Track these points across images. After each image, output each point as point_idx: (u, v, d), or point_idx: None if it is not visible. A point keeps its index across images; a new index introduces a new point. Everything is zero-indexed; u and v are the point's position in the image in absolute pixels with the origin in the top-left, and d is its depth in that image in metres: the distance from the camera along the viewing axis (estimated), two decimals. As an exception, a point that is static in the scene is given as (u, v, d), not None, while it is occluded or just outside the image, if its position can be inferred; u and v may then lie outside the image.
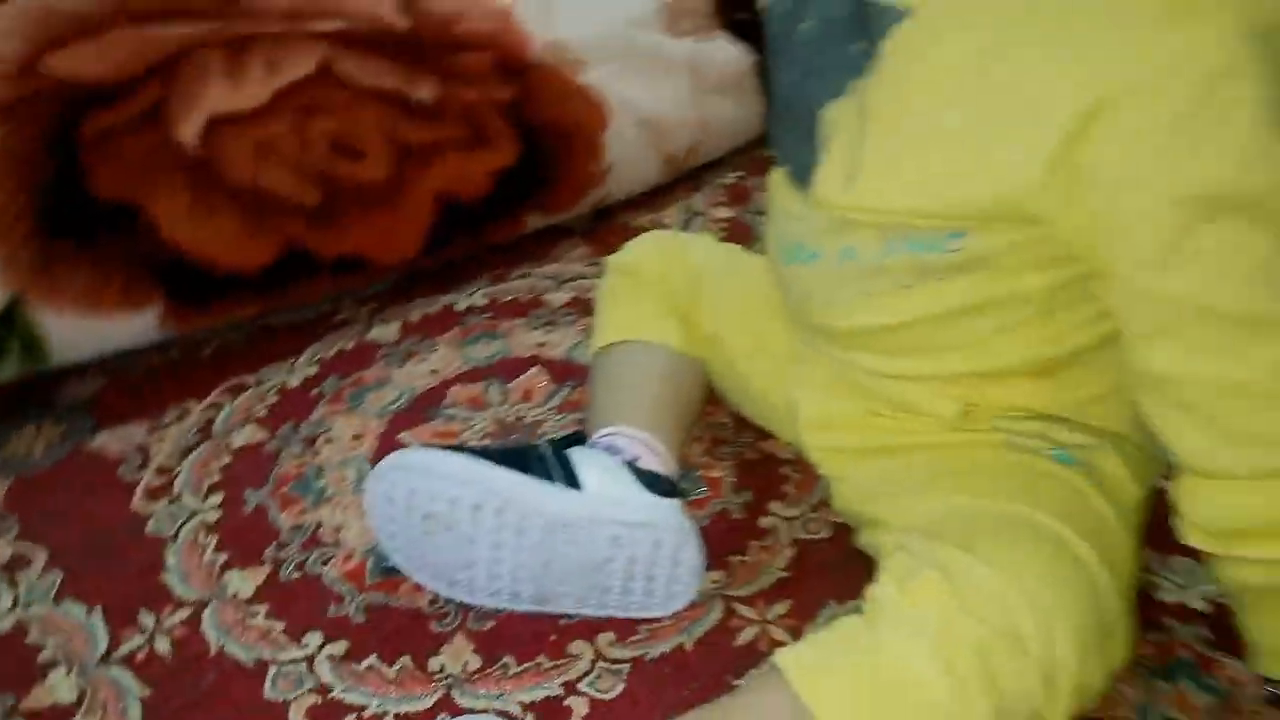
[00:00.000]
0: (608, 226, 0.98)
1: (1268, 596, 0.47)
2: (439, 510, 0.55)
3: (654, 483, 0.58)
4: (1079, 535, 0.47)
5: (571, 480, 0.57)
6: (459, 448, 0.60)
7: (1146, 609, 0.56)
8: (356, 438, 0.73)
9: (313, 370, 0.81)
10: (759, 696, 0.48)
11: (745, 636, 0.57)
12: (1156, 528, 0.55)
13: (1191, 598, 0.57)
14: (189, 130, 0.81)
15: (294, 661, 0.57)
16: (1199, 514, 0.47)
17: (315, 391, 0.78)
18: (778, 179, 0.58)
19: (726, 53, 1.07)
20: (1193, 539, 0.47)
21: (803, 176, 0.53)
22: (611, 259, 0.73)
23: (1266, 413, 0.44)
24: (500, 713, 0.53)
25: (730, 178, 1.06)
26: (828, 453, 0.62)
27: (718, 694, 0.51)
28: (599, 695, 0.54)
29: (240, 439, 0.74)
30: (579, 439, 0.62)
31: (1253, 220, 0.41)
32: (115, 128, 0.80)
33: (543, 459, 0.58)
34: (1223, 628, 0.53)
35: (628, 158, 0.98)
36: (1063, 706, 0.45)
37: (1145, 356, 0.46)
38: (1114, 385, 0.52)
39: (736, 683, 0.54)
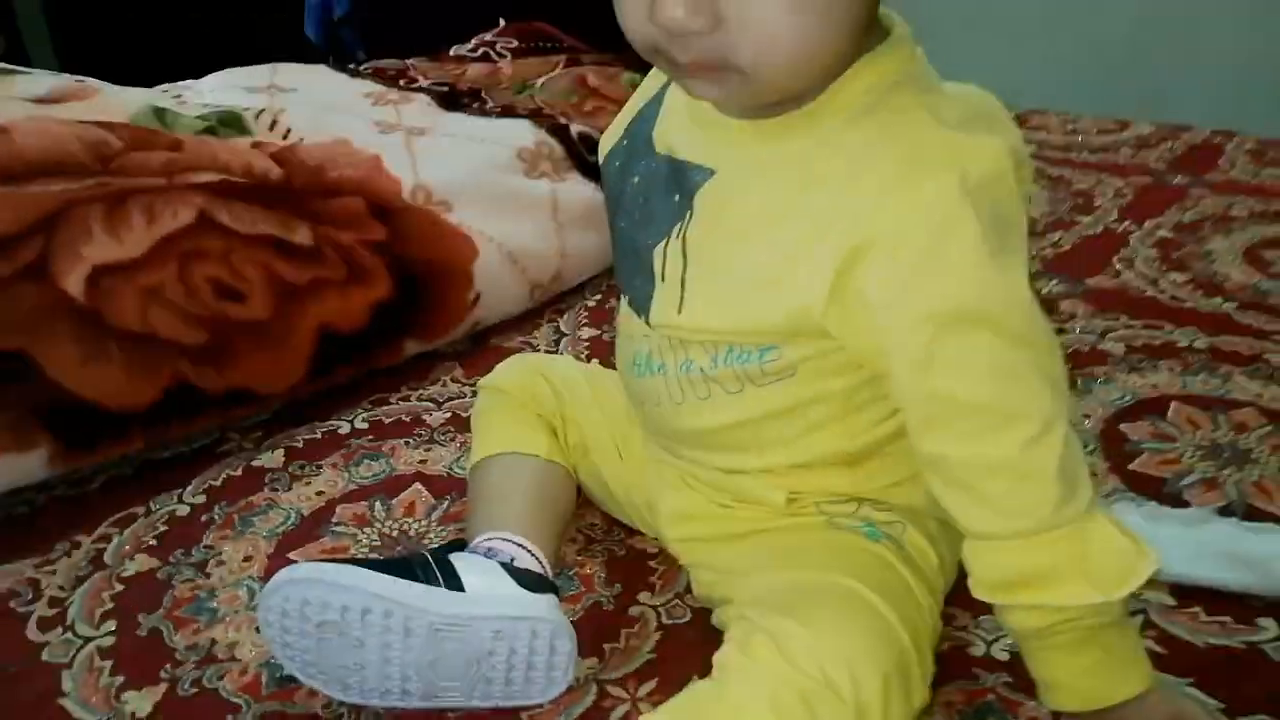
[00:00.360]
0: (481, 349, 1.05)
1: (1043, 637, 0.55)
2: (330, 618, 0.59)
3: (530, 581, 0.64)
4: (882, 598, 0.56)
5: (454, 583, 0.62)
6: (347, 560, 0.66)
7: (960, 662, 0.64)
8: (247, 559, 0.77)
9: (201, 499, 0.84)
10: None
11: (617, 714, 0.62)
12: (960, 588, 0.64)
13: (996, 650, 0.65)
14: (74, 281, 0.85)
15: None
16: (979, 571, 0.56)
17: (204, 518, 0.81)
18: (623, 306, 0.67)
19: (581, 189, 1.18)
20: (978, 593, 0.56)
21: (643, 304, 0.62)
22: (483, 380, 0.80)
23: (1020, 484, 0.53)
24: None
25: (592, 301, 1.15)
26: (686, 543, 0.70)
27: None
28: (487, 777, 0.59)
29: (132, 568, 0.76)
30: (460, 546, 0.67)
31: (986, 330, 0.51)
32: (2, 280, 0.83)
33: (426, 565, 0.63)
34: (1021, 673, 0.60)
35: (496, 287, 1.06)
36: None
37: (922, 443, 0.55)
38: (910, 471, 0.61)
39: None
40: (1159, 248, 1.22)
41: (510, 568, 0.64)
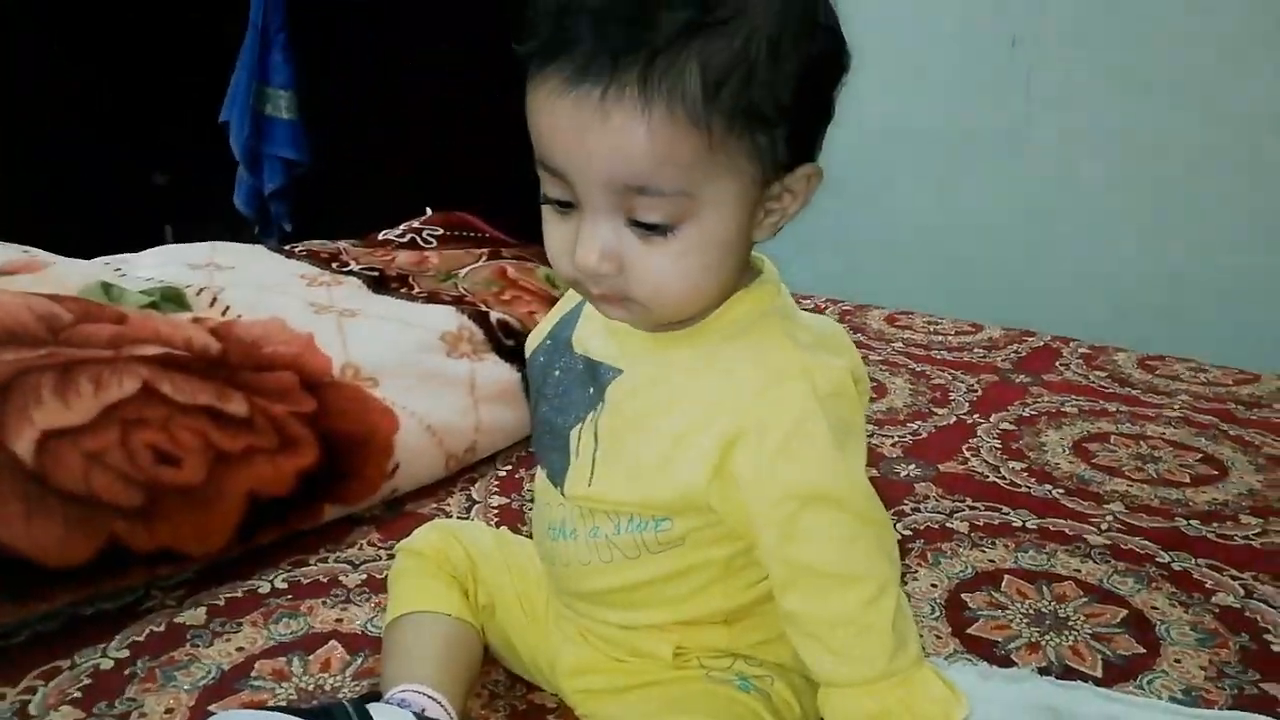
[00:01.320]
0: (397, 515, 1.13)
1: None
2: None
3: None
4: None
5: None
6: (274, 708, 0.72)
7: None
8: (169, 711, 0.81)
9: (125, 653, 0.88)
10: None
11: None
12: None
13: None
14: (23, 444, 0.91)
15: None
16: (828, 714, 0.66)
17: (128, 671, 0.86)
18: (541, 477, 0.77)
19: (497, 370, 1.29)
20: None
21: (558, 477, 0.71)
22: (402, 543, 0.88)
23: (860, 636, 0.63)
24: None
25: (503, 470, 1.25)
26: (582, 694, 0.78)
27: None
28: None
29: (56, 719, 0.80)
30: (375, 697, 0.74)
31: (834, 508, 0.63)
32: None
33: (346, 713, 0.70)
34: None
35: (414, 457, 1.15)
36: None
37: (783, 601, 0.66)
38: (778, 631, 0.71)
39: None
40: (1001, 438, 1.39)
41: (421, 718, 0.71)
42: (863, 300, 2.06)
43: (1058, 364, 1.71)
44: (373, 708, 0.71)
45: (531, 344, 0.79)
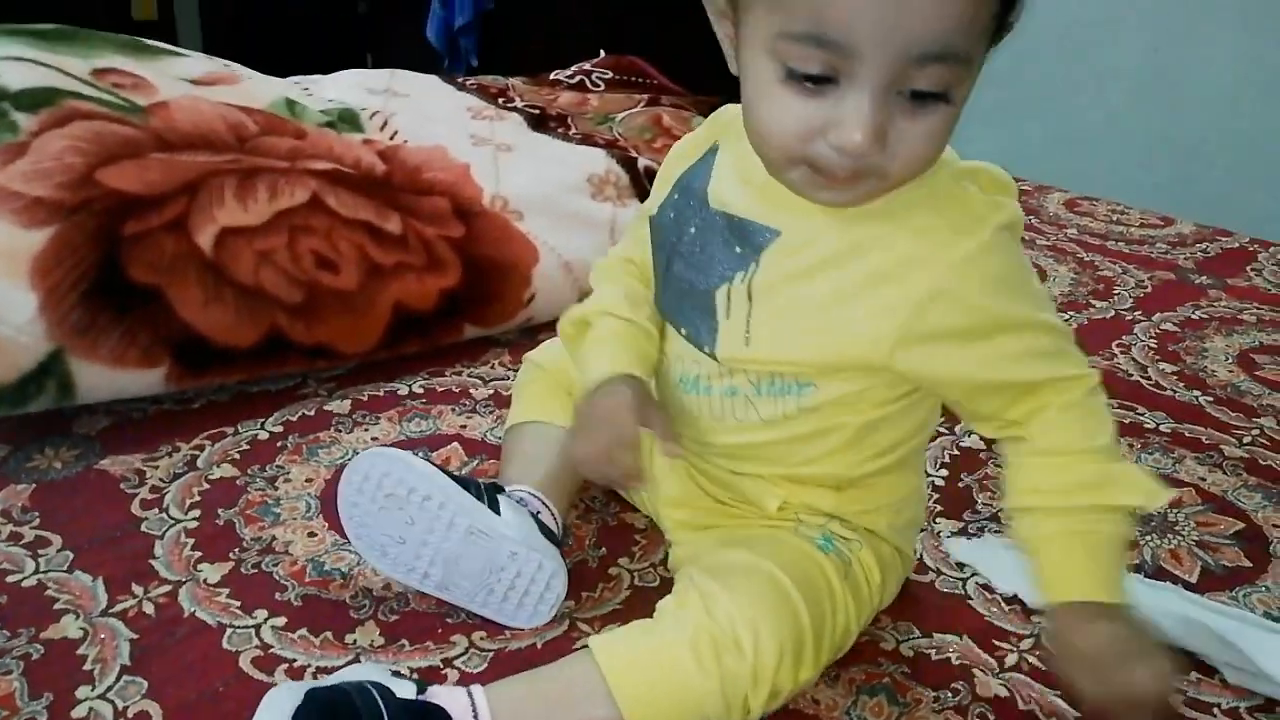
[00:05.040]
0: (530, 341, 1.19)
1: (1070, 537, 0.64)
2: (398, 493, 0.73)
3: (546, 531, 0.78)
4: (799, 589, 0.67)
5: (494, 509, 0.76)
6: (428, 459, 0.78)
7: (871, 652, 0.76)
8: (308, 480, 0.93)
9: (279, 428, 1.01)
10: (570, 662, 0.68)
11: (580, 644, 0.76)
12: (897, 601, 0.78)
13: (904, 648, 0.77)
14: (205, 237, 1.03)
15: (245, 627, 0.75)
16: (1045, 481, 0.65)
17: (279, 444, 0.98)
18: (673, 333, 0.75)
19: (639, 216, 1.33)
20: (1030, 500, 0.66)
21: (703, 338, 0.71)
22: (528, 355, 0.94)
23: (1088, 417, 0.65)
24: (394, 672, 0.72)
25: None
26: (677, 524, 0.82)
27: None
28: (467, 669, 0.73)
29: (217, 473, 0.93)
30: (501, 490, 0.80)
31: (1042, 331, 0.65)
32: (149, 230, 1.00)
33: (479, 489, 0.77)
34: (919, 666, 0.74)
35: (551, 289, 1.22)
36: (762, 696, 0.64)
37: (1013, 414, 0.66)
38: (879, 503, 0.74)
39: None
40: (1159, 339, 1.32)
41: (536, 519, 0.78)
42: (1045, 181, 1.94)
43: (1249, 268, 1.58)
44: (500, 497, 0.78)
45: (655, 200, 0.77)
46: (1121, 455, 0.67)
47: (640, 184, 1.34)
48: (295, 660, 0.73)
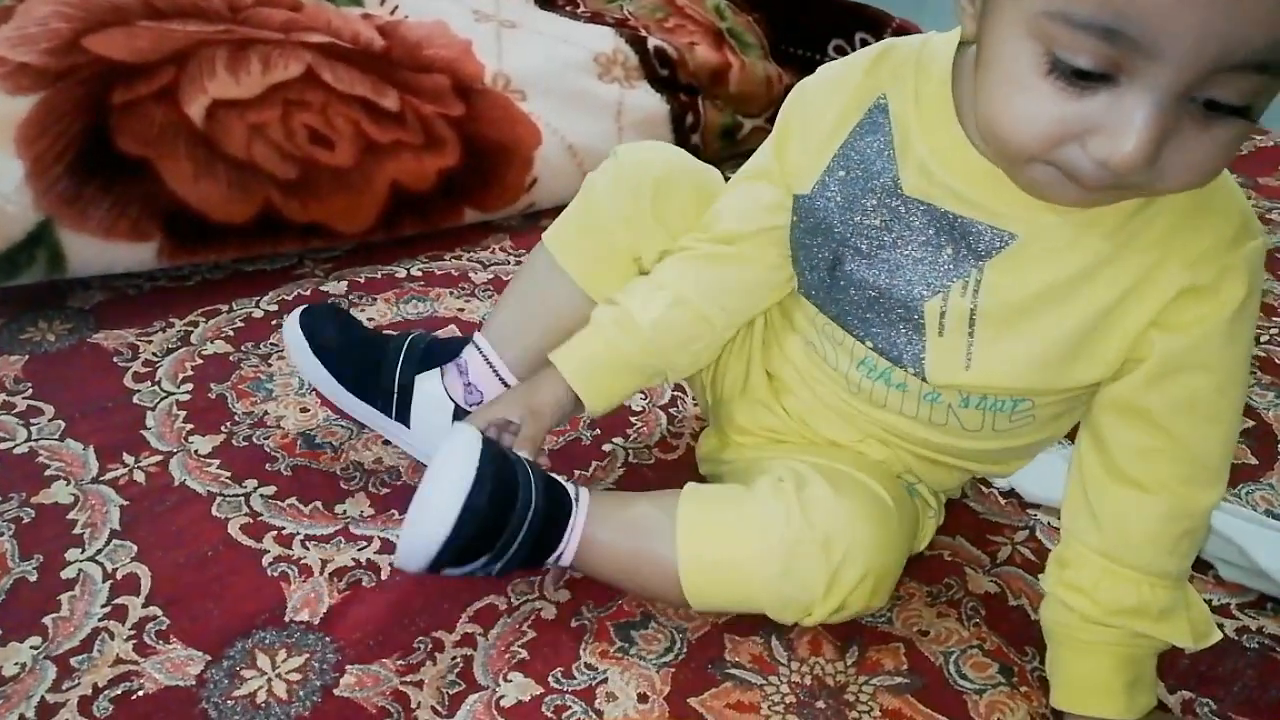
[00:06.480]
0: (532, 227, 1.18)
1: (1109, 647, 0.59)
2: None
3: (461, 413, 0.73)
4: (902, 526, 0.65)
5: (404, 415, 0.75)
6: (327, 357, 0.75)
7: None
8: (302, 357, 0.93)
9: (273, 307, 1.00)
10: (659, 497, 0.66)
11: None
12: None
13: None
14: (195, 109, 1.00)
15: (235, 495, 0.75)
16: (1102, 595, 0.58)
17: (274, 323, 0.97)
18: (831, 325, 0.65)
19: (646, 99, 1.28)
20: (1083, 608, 0.59)
21: (900, 356, 0.61)
22: (622, 147, 0.75)
23: (1185, 537, 0.57)
24: (383, 540, 0.72)
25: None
26: (739, 443, 0.75)
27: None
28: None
29: (211, 349, 0.93)
30: (451, 347, 0.75)
31: (1234, 392, 0.56)
32: (138, 99, 0.97)
33: (387, 393, 0.75)
34: (910, 563, 0.71)
35: (553, 174, 1.18)
36: (829, 607, 0.61)
37: (1133, 471, 0.57)
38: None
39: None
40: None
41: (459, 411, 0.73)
42: None
43: (1280, 168, 1.52)
44: (420, 388, 0.75)
45: (810, 175, 0.62)
46: (1189, 578, 0.60)
47: (650, 65, 1.29)
48: (284, 528, 0.73)
